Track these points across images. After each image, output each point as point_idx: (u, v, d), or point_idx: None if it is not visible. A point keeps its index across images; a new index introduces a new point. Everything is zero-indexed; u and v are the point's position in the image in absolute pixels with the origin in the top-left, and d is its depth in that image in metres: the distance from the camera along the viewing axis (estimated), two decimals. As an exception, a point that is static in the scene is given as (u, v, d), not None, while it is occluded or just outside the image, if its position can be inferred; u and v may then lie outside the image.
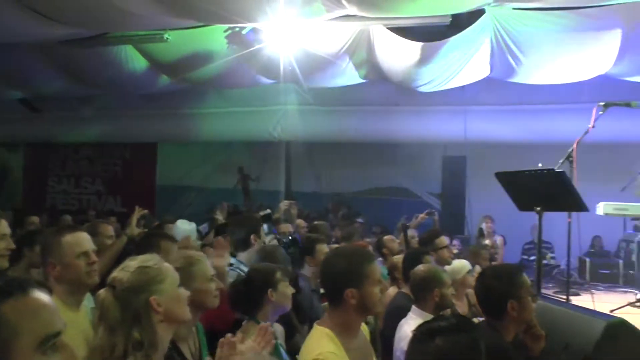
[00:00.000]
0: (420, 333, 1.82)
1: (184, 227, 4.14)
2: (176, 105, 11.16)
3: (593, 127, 4.78)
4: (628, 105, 5.02)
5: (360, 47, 7.64)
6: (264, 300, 2.83)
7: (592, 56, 7.63)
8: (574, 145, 4.63)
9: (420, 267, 3.31)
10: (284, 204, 5.15)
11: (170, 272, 2.04)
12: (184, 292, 2.06)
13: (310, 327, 2.41)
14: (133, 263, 2.00)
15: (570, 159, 4.61)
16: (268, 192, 10.99)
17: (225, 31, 7.56)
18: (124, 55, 8.47)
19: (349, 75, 8.53)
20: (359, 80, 8.77)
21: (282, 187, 11.68)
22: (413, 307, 3.17)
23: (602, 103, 4.85)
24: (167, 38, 7.58)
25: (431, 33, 7.41)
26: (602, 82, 8.34)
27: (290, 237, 4.75)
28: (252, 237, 4.02)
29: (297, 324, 3.45)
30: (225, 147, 11.68)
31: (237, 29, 7.47)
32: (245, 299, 2.88)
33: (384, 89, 9.67)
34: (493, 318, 2.63)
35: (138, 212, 4.43)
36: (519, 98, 9.82)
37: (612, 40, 7.21)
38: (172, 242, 3.35)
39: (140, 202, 4.98)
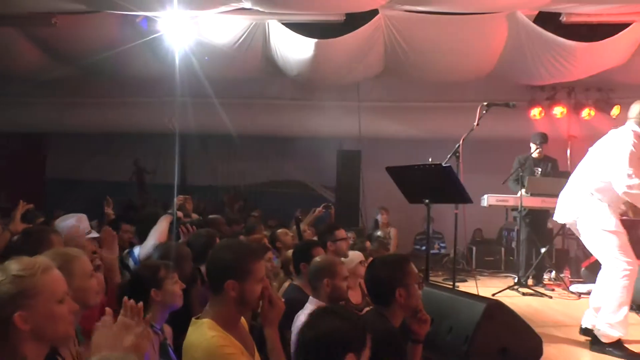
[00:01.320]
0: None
1: (69, 223, 3.93)
2: (67, 94, 10.62)
3: (477, 125, 5.08)
4: (507, 105, 5.41)
5: (255, 40, 7.66)
6: (149, 300, 2.67)
7: (477, 58, 8.11)
8: (460, 142, 4.91)
9: (317, 258, 3.38)
10: (178, 199, 5.05)
11: (48, 286, 1.78)
12: (63, 309, 1.81)
13: None
14: (12, 267, 1.77)
15: (457, 154, 4.89)
16: (163, 186, 10.74)
17: (118, 19, 7.32)
18: (9, 39, 7.98)
19: (245, 68, 8.52)
20: (255, 73, 8.79)
21: (177, 180, 11.44)
22: (310, 297, 3.24)
23: (485, 103, 5.18)
24: (55, 22, 7.22)
25: (325, 30, 7.53)
26: (487, 83, 8.88)
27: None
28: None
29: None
30: (120, 139, 11.27)
31: (131, 17, 7.26)
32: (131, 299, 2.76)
33: (280, 83, 9.77)
34: (382, 305, 2.76)
35: (22, 207, 4.25)
36: (410, 95, 10.23)
37: (496, 44, 7.70)
38: (60, 238, 3.22)
39: (28, 196, 4.76)
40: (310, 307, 3.10)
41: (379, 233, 8.70)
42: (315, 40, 7.38)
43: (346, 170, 10.13)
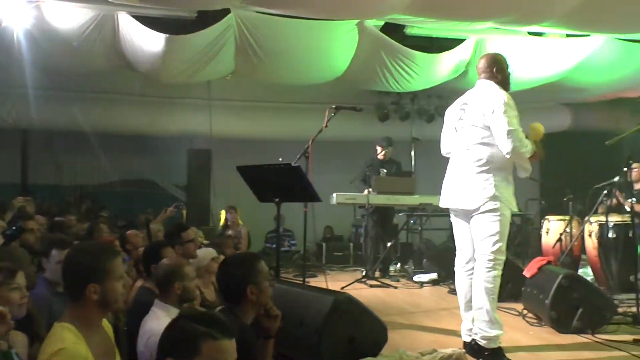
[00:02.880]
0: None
1: None
2: None
3: (326, 126, 5.27)
4: (354, 109, 5.68)
5: (105, 32, 7.29)
6: None
7: (327, 63, 8.40)
8: (310, 143, 5.06)
9: (164, 261, 3.32)
10: (17, 201, 4.70)
11: None
12: None
13: None
14: None
15: (307, 154, 5.04)
16: (2, 185, 9.90)
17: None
18: None
19: (93, 61, 8.08)
20: (103, 66, 8.38)
21: (19, 179, 10.58)
22: (156, 301, 3.17)
23: (333, 106, 5.38)
24: None
25: (177, 26, 7.39)
26: (337, 86, 9.21)
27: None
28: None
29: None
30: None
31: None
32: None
33: (130, 78, 9.36)
34: (233, 303, 2.80)
35: None
36: (262, 96, 10.33)
37: (345, 50, 8.02)
38: None
39: None
40: (157, 310, 3.05)
41: (229, 232, 8.70)
42: (166, 35, 7.20)
43: (197, 169, 10.02)
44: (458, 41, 8.03)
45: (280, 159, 4.67)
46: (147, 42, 7.40)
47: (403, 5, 6.03)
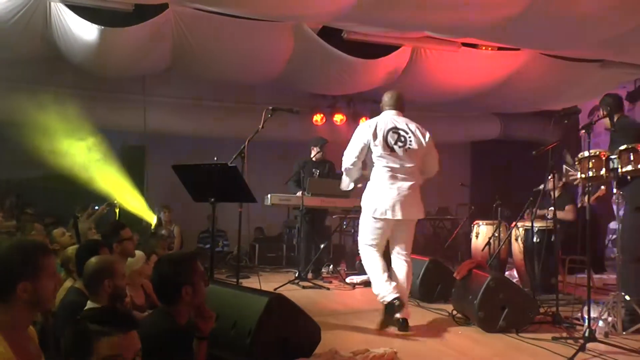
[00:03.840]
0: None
1: None
2: None
3: (262, 127, 5.26)
4: (291, 111, 5.69)
5: (35, 19, 6.99)
6: None
7: (264, 63, 8.38)
8: (246, 143, 5.03)
9: (92, 259, 3.22)
10: None
11: None
12: None
13: None
14: None
15: (243, 154, 5.00)
16: None
17: None
18: None
19: (22, 50, 7.74)
20: (33, 56, 8.04)
21: None
22: (88, 302, 3.09)
23: (270, 107, 5.38)
24: None
25: (113, 18, 7.18)
26: (274, 87, 9.20)
27: None
28: None
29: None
30: None
31: None
32: None
33: (62, 70, 9.00)
34: (168, 304, 2.75)
35: None
36: (199, 93, 10.19)
37: (282, 51, 8.03)
38: None
39: None
40: (90, 311, 2.97)
41: (162, 232, 8.56)
42: (101, 27, 6.99)
43: (130, 166, 9.74)
44: (395, 47, 8.18)
45: (216, 159, 4.63)
46: (80, 32, 7.17)
47: (341, 11, 6.11)
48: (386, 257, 5.06)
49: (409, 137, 4.92)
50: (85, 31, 7.10)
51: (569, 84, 9.62)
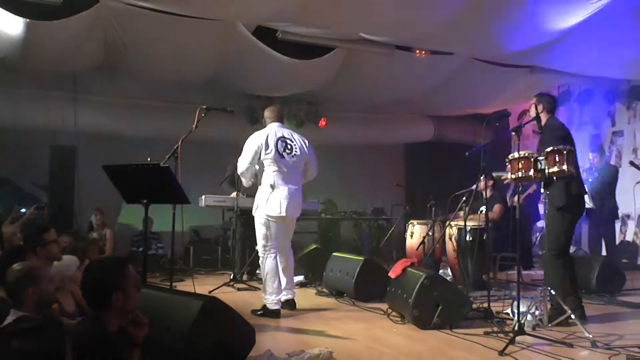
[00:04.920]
0: None
1: None
2: None
3: (196, 127, 5.17)
4: (225, 110, 5.62)
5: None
6: None
7: (199, 62, 8.25)
8: (179, 143, 4.93)
9: (14, 266, 3.07)
10: None
11: None
12: None
13: None
14: None
15: (176, 155, 4.90)
16: None
17: None
18: None
19: None
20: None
21: None
22: (12, 310, 2.94)
23: (204, 106, 5.29)
24: None
25: (41, 11, 6.88)
26: (208, 86, 9.06)
27: None
28: None
29: None
30: None
31: None
32: None
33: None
34: (98, 310, 2.66)
35: None
36: (132, 92, 9.93)
37: (217, 50, 7.92)
38: None
39: None
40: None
41: (94, 235, 8.30)
42: (27, 20, 6.70)
43: (60, 168, 9.35)
44: (330, 49, 8.22)
45: (149, 159, 4.52)
46: (4, 26, 6.85)
47: (276, 12, 6.09)
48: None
49: (295, 145, 5.61)
50: (9, 24, 6.79)
51: (500, 88, 9.94)
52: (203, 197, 7.65)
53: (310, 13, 6.01)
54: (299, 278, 7.59)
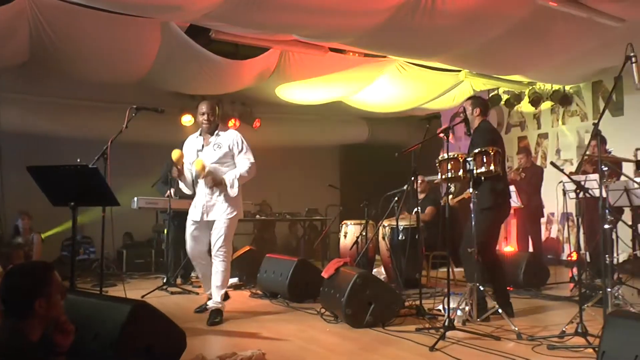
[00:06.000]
0: None
1: None
2: None
3: (126, 127, 5.06)
4: (156, 110, 5.50)
5: None
6: None
7: (130, 61, 8.03)
8: (109, 143, 4.81)
9: None
10: None
11: None
12: None
13: None
14: None
15: (105, 155, 4.77)
16: None
17: None
18: None
19: None
20: None
21: None
22: None
23: (134, 106, 5.18)
24: None
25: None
26: (140, 86, 8.86)
27: None
28: None
29: None
30: None
31: None
32: None
33: None
34: (19, 318, 2.55)
35: None
36: (60, 91, 9.59)
37: (149, 49, 7.75)
38: None
39: None
40: None
41: (20, 240, 8.00)
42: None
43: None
44: (264, 49, 8.20)
45: (78, 160, 4.39)
46: None
47: (208, 10, 6.01)
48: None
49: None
50: None
51: (432, 91, 10.17)
52: (135, 199, 7.49)
53: (241, 12, 5.95)
54: (234, 280, 7.55)
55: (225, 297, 5.49)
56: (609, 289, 4.44)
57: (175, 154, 5.29)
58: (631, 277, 6.81)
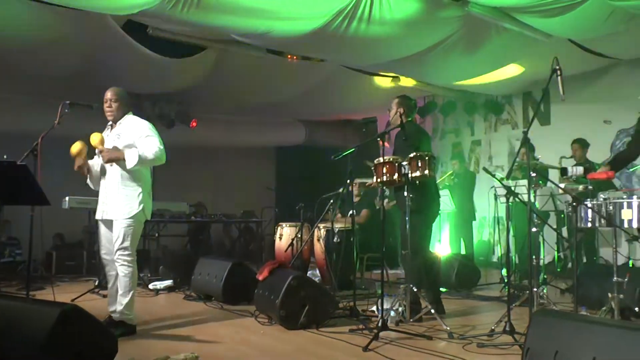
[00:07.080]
0: None
1: None
2: None
3: (58, 123, 4.91)
4: (89, 107, 5.36)
5: None
6: None
7: (65, 55, 7.77)
8: (39, 139, 4.65)
9: None
10: None
11: None
12: None
13: None
14: None
15: (35, 152, 4.61)
16: None
17: None
18: None
19: None
20: None
21: None
22: None
23: (67, 102, 5.03)
24: None
25: None
26: (76, 81, 8.57)
27: None
28: None
29: None
30: None
31: None
32: None
33: None
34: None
35: None
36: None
37: (85, 43, 7.51)
38: None
39: None
40: None
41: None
42: None
43: None
44: (202, 48, 8.11)
45: (5, 157, 4.24)
46: None
47: (143, 6, 5.90)
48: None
49: None
50: None
51: (368, 96, 10.32)
52: (67, 198, 7.26)
53: (176, 10, 5.87)
54: (167, 282, 7.44)
55: (132, 330, 4.77)
56: (535, 289, 4.65)
57: (74, 147, 4.83)
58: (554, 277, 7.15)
